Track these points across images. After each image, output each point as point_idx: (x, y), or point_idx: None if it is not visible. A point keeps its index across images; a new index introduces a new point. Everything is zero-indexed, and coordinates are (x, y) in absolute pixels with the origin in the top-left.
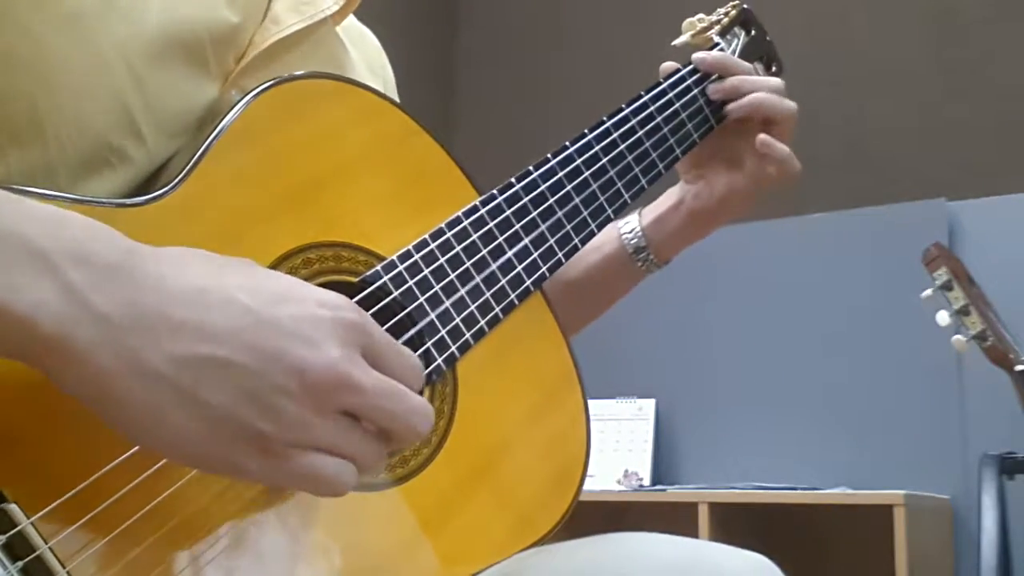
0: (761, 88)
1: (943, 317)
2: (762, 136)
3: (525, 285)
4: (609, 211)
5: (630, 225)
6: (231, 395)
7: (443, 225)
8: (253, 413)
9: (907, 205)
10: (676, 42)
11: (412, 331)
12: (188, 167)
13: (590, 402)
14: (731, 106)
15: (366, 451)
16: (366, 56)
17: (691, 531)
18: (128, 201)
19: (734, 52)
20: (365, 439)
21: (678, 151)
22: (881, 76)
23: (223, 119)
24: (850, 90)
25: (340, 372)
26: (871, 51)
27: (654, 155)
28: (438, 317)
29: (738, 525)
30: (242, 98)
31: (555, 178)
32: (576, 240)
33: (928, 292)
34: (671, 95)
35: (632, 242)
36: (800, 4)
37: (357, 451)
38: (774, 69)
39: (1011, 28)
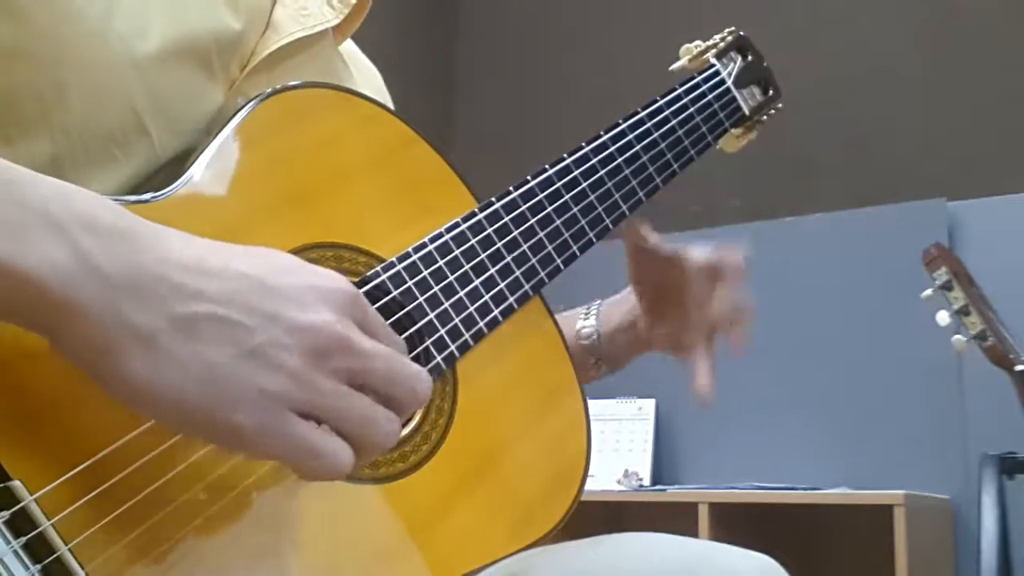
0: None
1: (943, 317)
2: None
3: (524, 290)
4: (607, 221)
5: (589, 327)
6: (230, 352)
7: (442, 229)
8: (253, 369)
9: (907, 205)
10: (673, 67)
11: (411, 330)
12: (190, 168)
13: (590, 402)
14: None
15: (375, 416)
16: (368, 80)
17: (691, 531)
18: (130, 199)
19: (730, 75)
20: (369, 403)
21: (692, 152)
22: (882, 76)
23: (226, 123)
24: (851, 90)
25: (340, 333)
26: (872, 52)
27: (670, 155)
28: (437, 317)
29: (738, 525)
30: (244, 104)
31: (553, 187)
32: (574, 248)
33: (928, 292)
34: (686, 100)
35: (587, 343)
36: (803, 5)
37: (363, 415)
38: (771, 93)
39: (1012, 29)
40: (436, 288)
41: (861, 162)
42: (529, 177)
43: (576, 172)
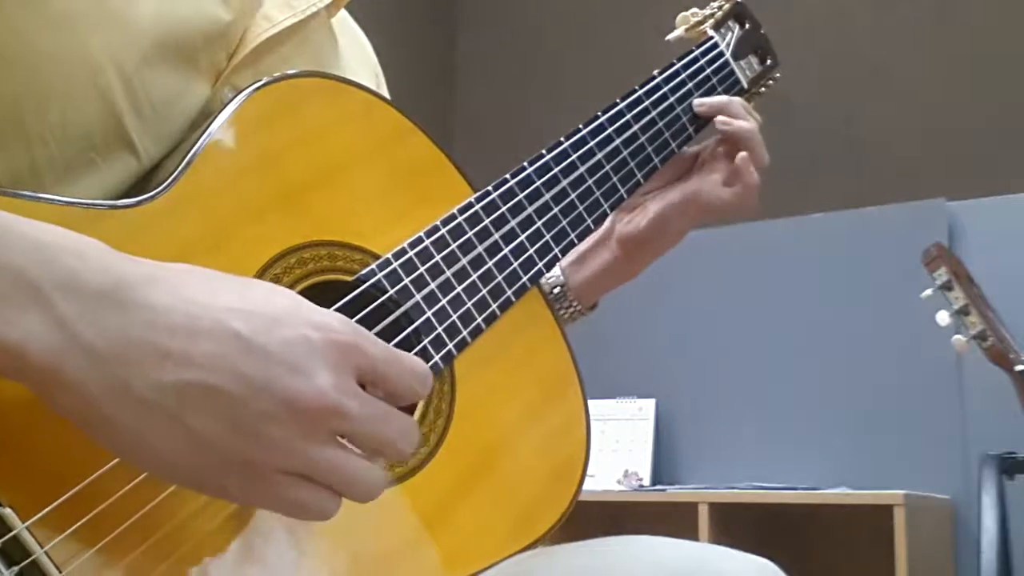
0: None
1: (943, 317)
2: (743, 155)
3: (522, 282)
4: (605, 206)
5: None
6: (216, 422)
7: (438, 222)
8: (238, 440)
9: (907, 205)
10: (670, 37)
11: (408, 329)
12: (180, 168)
13: (590, 402)
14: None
15: (358, 475)
16: (358, 49)
17: (691, 531)
18: (120, 203)
19: (728, 45)
20: (354, 463)
21: (691, 130)
22: (882, 76)
23: (214, 119)
24: (851, 90)
25: (329, 401)
26: (872, 51)
27: (667, 134)
28: (434, 315)
29: (738, 525)
30: (233, 97)
31: (550, 174)
32: (572, 235)
33: (928, 292)
34: (684, 76)
35: (549, 282)
36: (801, 3)
37: (348, 475)
38: (769, 62)
39: (1012, 29)
40: (433, 285)
41: (861, 162)
42: (526, 164)
43: (574, 156)
